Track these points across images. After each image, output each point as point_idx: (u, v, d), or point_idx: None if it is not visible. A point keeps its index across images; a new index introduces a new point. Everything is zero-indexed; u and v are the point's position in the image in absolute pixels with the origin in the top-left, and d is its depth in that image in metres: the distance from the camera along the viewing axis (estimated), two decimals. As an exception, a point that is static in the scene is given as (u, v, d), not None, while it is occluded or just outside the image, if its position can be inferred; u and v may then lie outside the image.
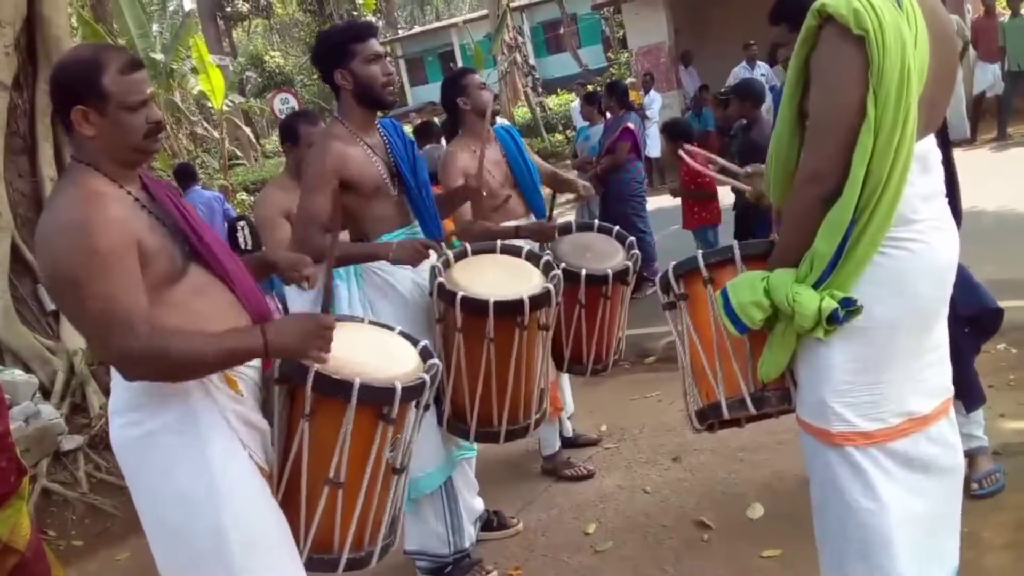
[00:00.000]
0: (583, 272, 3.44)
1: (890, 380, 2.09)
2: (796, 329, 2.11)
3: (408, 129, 4.96)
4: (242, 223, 5.81)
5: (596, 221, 4.04)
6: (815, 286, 2.06)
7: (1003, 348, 4.19)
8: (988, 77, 10.89)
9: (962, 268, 2.88)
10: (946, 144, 2.55)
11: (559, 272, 3.16)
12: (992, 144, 10.50)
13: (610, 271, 3.51)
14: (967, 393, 2.94)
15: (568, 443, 4.19)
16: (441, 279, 2.92)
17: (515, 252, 3.26)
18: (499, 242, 3.27)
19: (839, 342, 2.08)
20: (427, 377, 2.32)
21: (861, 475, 2.10)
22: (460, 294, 2.86)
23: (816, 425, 2.16)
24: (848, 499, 2.12)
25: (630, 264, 3.60)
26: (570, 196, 5.55)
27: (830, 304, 2.01)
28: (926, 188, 2.09)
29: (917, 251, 2.06)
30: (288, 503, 2.21)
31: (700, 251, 2.51)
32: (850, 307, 2.01)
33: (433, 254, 3.05)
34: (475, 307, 2.87)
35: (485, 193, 3.44)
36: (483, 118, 3.83)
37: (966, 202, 2.93)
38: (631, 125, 6.93)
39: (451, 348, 2.97)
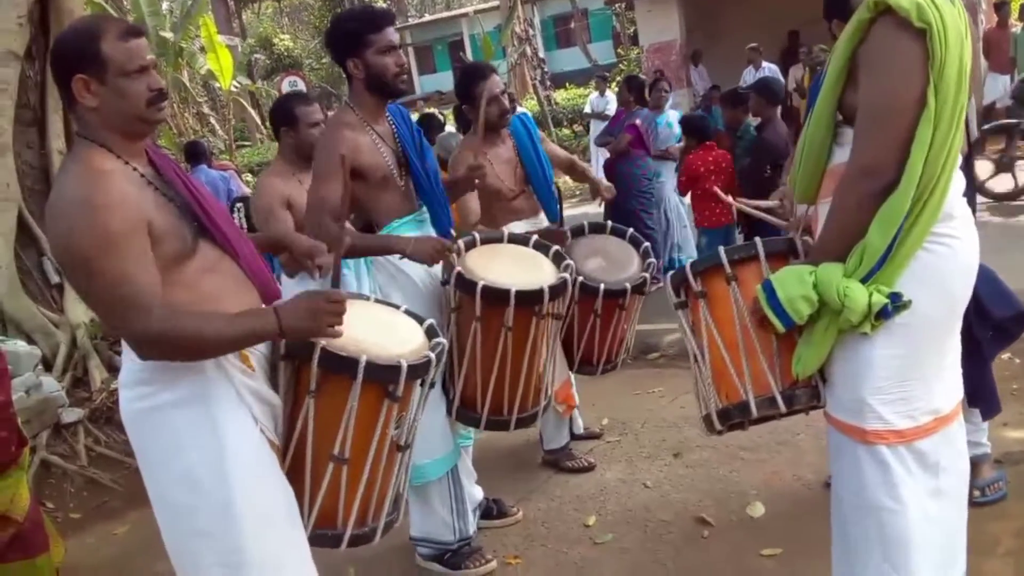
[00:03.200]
0: (601, 287, 3.44)
1: (922, 377, 2.10)
2: (841, 324, 2.08)
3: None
4: (239, 204, 5.80)
5: (609, 223, 4.01)
6: (863, 280, 2.04)
7: (1007, 358, 4.19)
8: (998, 88, 10.87)
9: (992, 273, 2.89)
10: (968, 148, 2.56)
11: (571, 262, 3.16)
12: (1000, 155, 10.46)
13: (629, 286, 3.51)
14: (987, 400, 2.95)
15: (571, 436, 4.19)
16: (459, 268, 2.91)
17: (523, 242, 3.26)
18: (506, 231, 3.27)
19: (882, 337, 2.07)
20: (432, 355, 2.32)
21: (887, 474, 2.10)
22: (481, 283, 2.86)
23: (850, 423, 2.15)
24: (871, 498, 2.12)
25: (647, 275, 3.60)
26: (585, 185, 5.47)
27: (880, 299, 2.00)
28: (960, 185, 2.10)
29: (955, 248, 2.07)
30: (293, 478, 2.21)
31: (722, 248, 2.44)
32: (898, 302, 2.01)
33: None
34: (496, 296, 2.87)
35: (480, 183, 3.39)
36: (488, 130, 3.71)
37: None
38: (638, 121, 6.95)
39: (466, 337, 2.96)
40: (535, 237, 3.29)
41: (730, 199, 2.92)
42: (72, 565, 3.63)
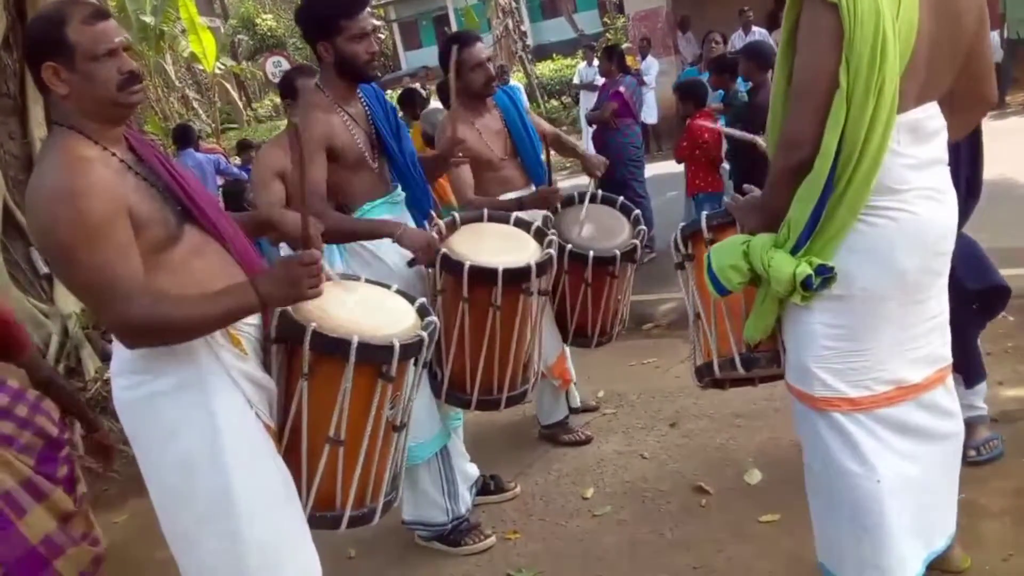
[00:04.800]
0: (590, 254, 3.42)
1: (874, 348, 2.09)
2: (773, 294, 2.12)
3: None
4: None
5: (599, 192, 3.99)
6: (793, 252, 2.06)
7: (1002, 316, 4.17)
8: (987, 44, 10.81)
9: (973, 243, 2.88)
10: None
11: (554, 238, 3.15)
12: (990, 112, 10.46)
13: (618, 252, 3.49)
14: (968, 369, 2.94)
15: (569, 410, 4.18)
16: (444, 250, 2.89)
17: (504, 220, 3.25)
18: (486, 211, 3.25)
19: (820, 309, 2.09)
20: (425, 335, 2.31)
21: (848, 439, 2.12)
22: (468, 263, 2.85)
23: (801, 389, 2.18)
24: (836, 462, 2.14)
25: (637, 242, 3.58)
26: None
27: (804, 270, 2.01)
28: (918, 157, 2.05)
29: (901, 220, 2.04)
30: (290, 461, 2.21)
31: (705, 213, 2.55)
32: (825, 274, 2.02)
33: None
34: (483, 276, 2.86)
35: (465, 157, 3.36)
36: (474, 99, 3.74)
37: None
38: (622, 89, 6.92)
39: (453, 319, 2.95)
40: (515, 215, 3.28)
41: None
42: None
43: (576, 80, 13.91)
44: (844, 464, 2.13)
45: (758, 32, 11.30)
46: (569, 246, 3.37)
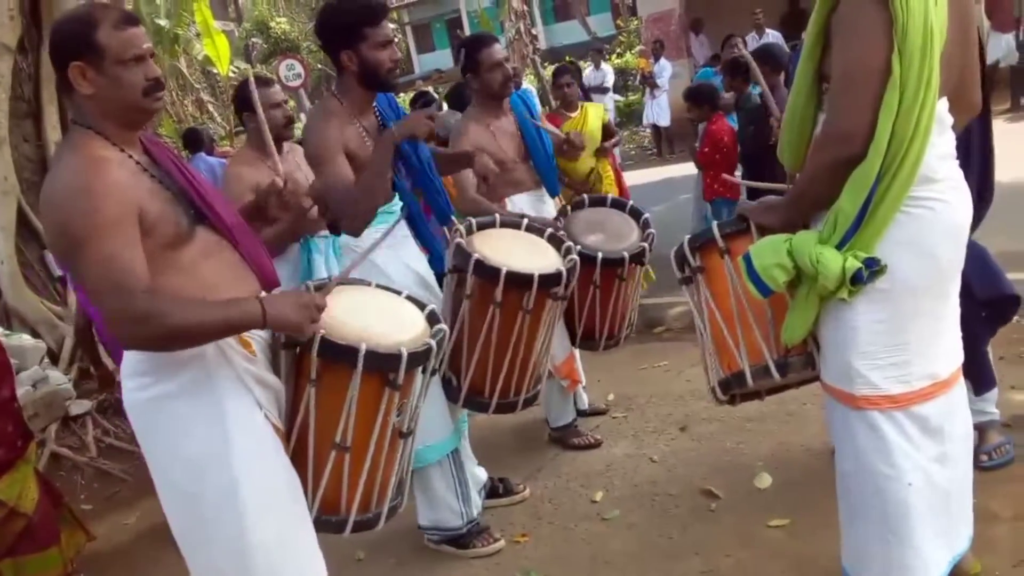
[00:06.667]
0: (599, 255, 3.44)
1: (915, 341, 2.09)
2: (819, 291, 2.10)
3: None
4: None
5: (610, 196, 4.01)
6: (838, 247, 2.05)
7: (1016, 320, 4.15)
8: (1001, 47, 10.73)
9: (983, 251, 2.87)
10: (986, 115, 2.53)
11: (571, 244, 3.19)
12: (1005, 115, 10.37)
13: (626, 254, 3.50)
14: (978, 377, 2.92)
15: (577, 413, 4.18)
16: (478, 255, 2.89)
17: (515, 225, 3.26)
18: (497, 216, 3.26)
19: (863, 303, 2.08)
20: (433, 343, 2.31)
21: (882, 440, 2.11)
22: (505, 269, 2.86)
23: (841, 388, 2.16)
24: (868, 464, 2.13)
25: (646, 245, 3.59)
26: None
27: (853, 264, 2.00)
28: (944, 148, 2.09)
29: (938, 210, 2.06)
30: (296, 464, 2.21)
31: (715, 222, 2.50)
32: (874, 267, 2.01)
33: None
34: (519, 281, 2.88)
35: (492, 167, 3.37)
36: (490, 99, 3.77)
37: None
38: None
39: (480, 323, 2.96)
40: (526, 221, 3.30)
41: (738, 180, 2.96)
42: (85, 555, 3.66)
43: (584, 84, 13.88)
44: (876, 466, 2.12)
45: (771, 34, 11.28)
46: (578, 247, 3.38)
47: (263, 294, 2.18)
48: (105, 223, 1.86)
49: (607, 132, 5.44)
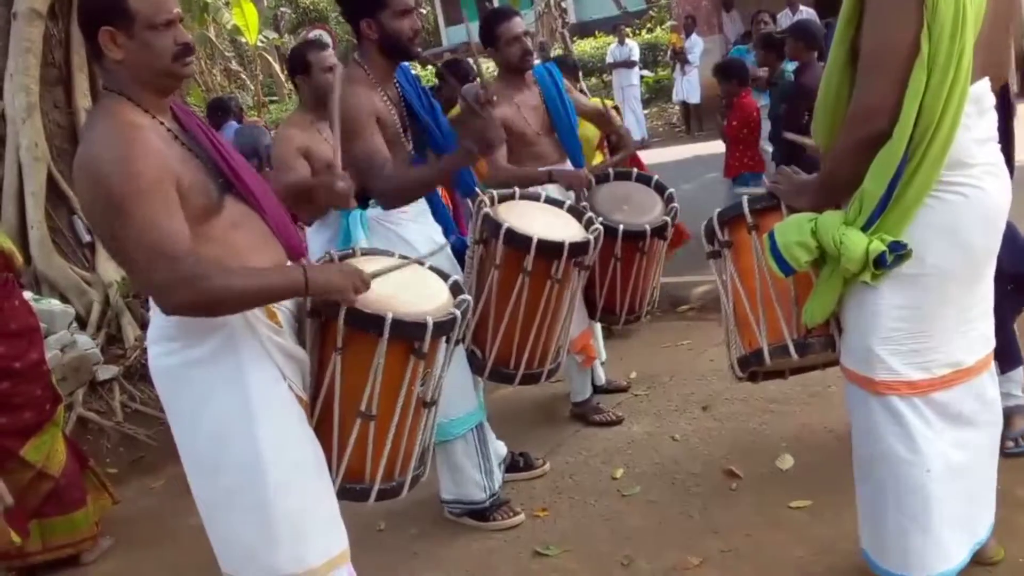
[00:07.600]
0: (620, 228, 3.42)
1: (940, 330, 2.06)
2: (842, 273, 2.08)
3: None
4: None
5: (635, 169, 3.97)
6: (864, 228, 2.02)
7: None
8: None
9: (1011, 225, 2.80)
10: (1006, 94, 2.47)
11: (591, 214, 3.17)
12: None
13: (648, 227, 3.48)
14: (1004, 354, 2.87)
15: (598, 390, 4.18)
16: (509, 224, 2.90)
17: (534, 198, 3.26)
18: (517, 190, 3.24)
19: (888, 288, 2.05)
20: (458, 312, 2.31)
21: (903, 425, 2.09)
22: (536, 237, 2.87)
23: (860, 373, 2.14)
24: (887, 449, 2.11)
25: (668, 219, 3.57)
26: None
27: (878, 247, 1.97)
28: (982, 132, 2.04)
29: (971, 196, 2.01)
30: (321, 434, 2.22)
31: (745, 197, 2.46)
32: (899, 251, 1.97)
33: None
34: (550, 250, 2.89)
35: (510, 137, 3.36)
36: (512, 73, 3.75)
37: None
38: None
39: (508, 292, 2.97)
40: (545, 193, 3.30)
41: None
42: (110, 518, 3.73)
43: (609, 59, 13.77)
44: (895, 451, 2.10)
45: (805, 11, 11.09)
46: (600, 219, 3.36)
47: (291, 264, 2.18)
48: (146, 188, 1.86)
49: (602, 120, 4.81)
